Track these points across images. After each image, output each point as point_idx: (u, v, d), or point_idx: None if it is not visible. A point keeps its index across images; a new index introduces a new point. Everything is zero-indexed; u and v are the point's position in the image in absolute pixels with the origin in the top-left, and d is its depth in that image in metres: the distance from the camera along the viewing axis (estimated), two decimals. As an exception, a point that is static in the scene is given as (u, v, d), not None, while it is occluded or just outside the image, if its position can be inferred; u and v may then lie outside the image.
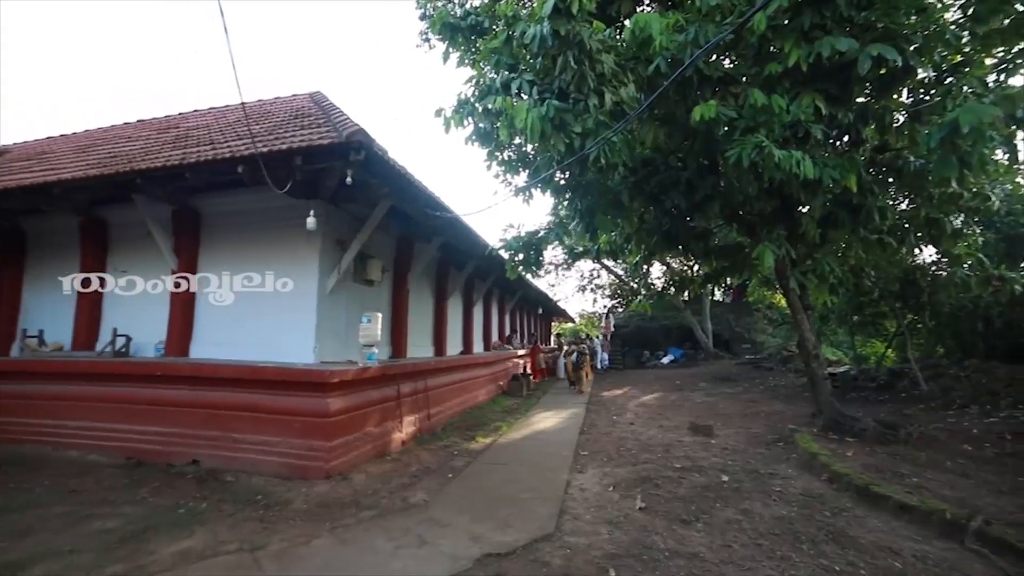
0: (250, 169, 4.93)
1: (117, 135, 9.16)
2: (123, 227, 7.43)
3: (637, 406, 11.00)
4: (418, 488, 4.97)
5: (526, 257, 6.89)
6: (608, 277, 31.50)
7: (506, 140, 5.22)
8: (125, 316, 7.21)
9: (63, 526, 3.93)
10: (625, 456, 6.40)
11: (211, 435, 5.51)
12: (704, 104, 4.36)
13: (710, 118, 4.32)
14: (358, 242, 6.20)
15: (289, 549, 3.54)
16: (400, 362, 7.09)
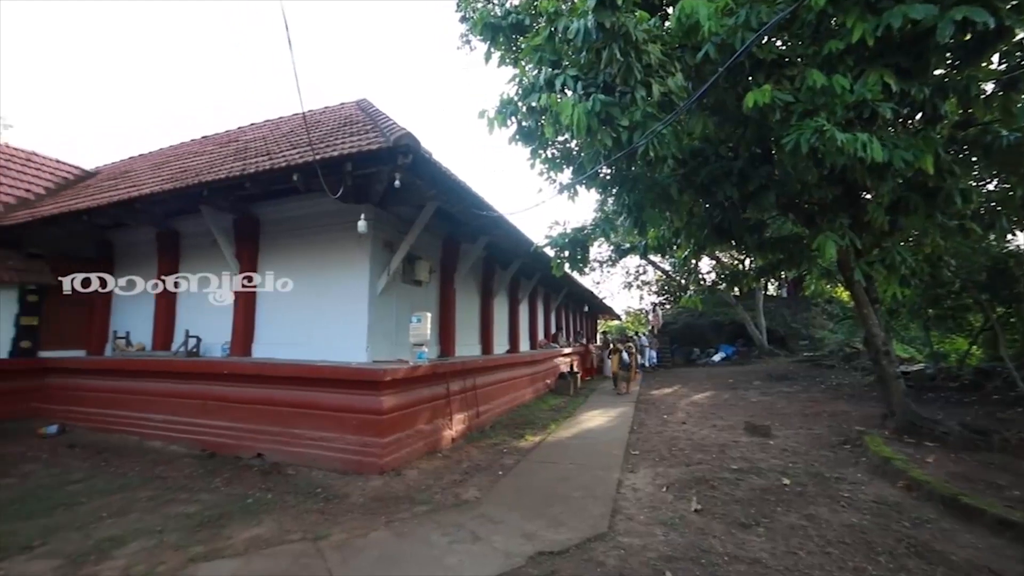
0: (304, 176, 5.17)
1: (186, 151, 9.88)
2: (192, 236, 8.01)
3: (688, 405, 10.67)
4: (469, 485, 5.04)
5: (572, 254, 6.81)
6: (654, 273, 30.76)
7: (551, 137, 5.17)
8: (195, 318, 7.77)
9: (152, 508, 4.31)
10: (678, 456, 6.23)
11: (274, 430, 5.82)
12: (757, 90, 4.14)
13: (764, 104, 4.10)
14: (406, 244, 6.37)
15: (349, 540, 3.68)
16: (449, 361, 7.22)
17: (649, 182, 5.85)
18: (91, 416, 7.54)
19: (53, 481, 5.10)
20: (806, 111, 4.26)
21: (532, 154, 6.54)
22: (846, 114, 4.28)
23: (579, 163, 6.76)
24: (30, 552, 3.50)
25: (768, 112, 4.37)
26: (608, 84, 4.59)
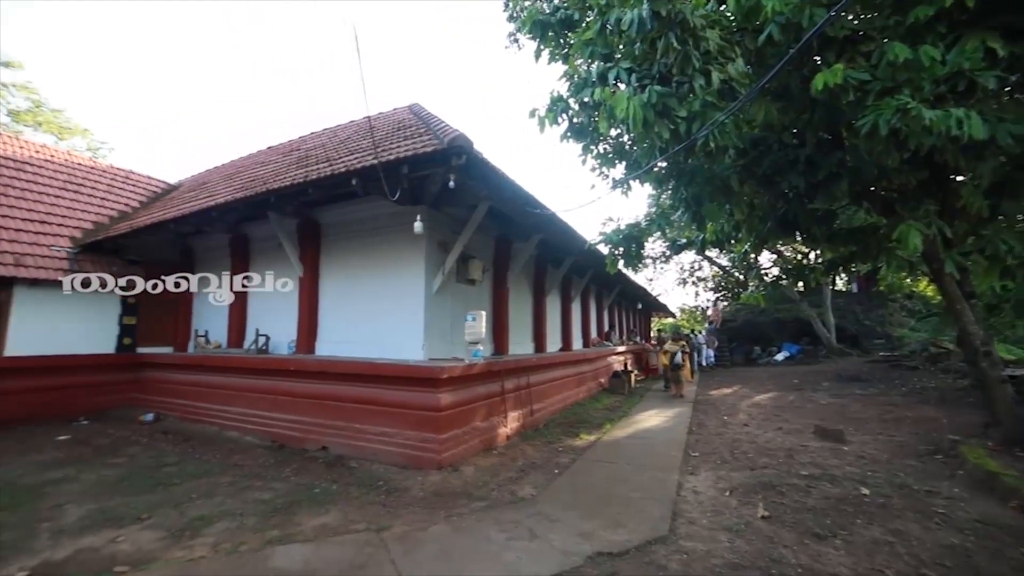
0: (362, 180, 5.39)
1: (254, 161, 10.58)
2: (260, 240, 8.57)
3: (750, 406, 10.16)
4: (525, 482, 5.06)
5: (626, 251, 6.65)
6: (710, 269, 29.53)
7: (605, 132, 5.08)
8: (264, 318, 8.32)
9: (232, 493, 4.66)
10: (740, 459, 5.95)
11: (337, 425, 6.11)
12: (827, 71, 3.84)
13: (835, 84, 3.80)
14: (460, 243, 6.48)
15: (410, 533, 3.80)
16: (503, 359, 7.29)
17: (708, 174, 5.61)
18: (179, 407, 8.27)
19: (152, 463, 5.67)
20: (885, 89, 3.91)
21: (584, 150, 6.45)
22: (935, 89, 3.88)
23: (633, 158, 6.60)
24: (140, 523, 3.94)
25: (840, 94, 4.06)
26: (664, 75, 4.44)
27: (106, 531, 3.79)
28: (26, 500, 4.47)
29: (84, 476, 5.17)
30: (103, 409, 8.63)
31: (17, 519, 4.05)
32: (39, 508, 4.29)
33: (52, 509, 4.26)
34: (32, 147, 11.52)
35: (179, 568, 3.23)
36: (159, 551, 3.46)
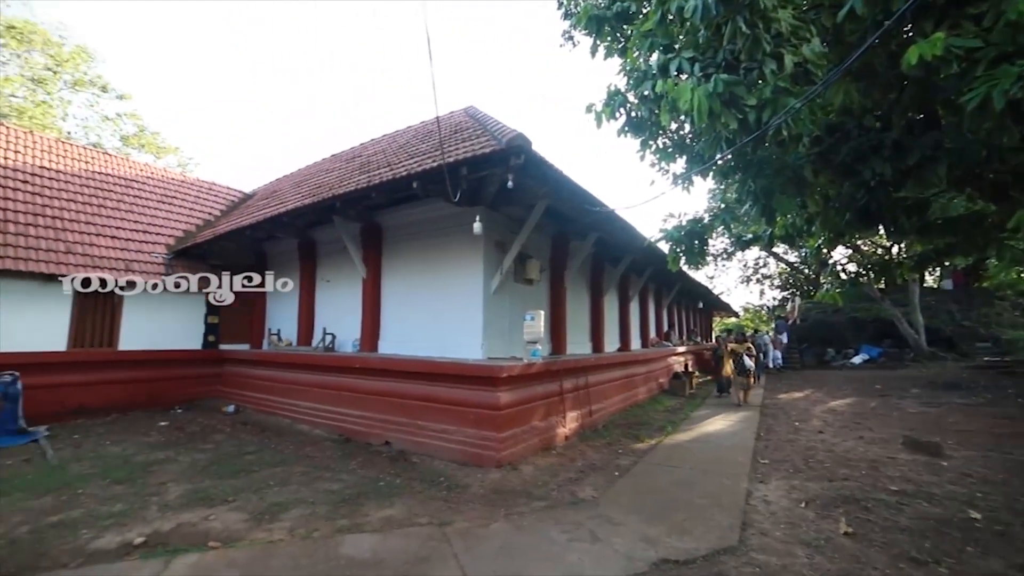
0: (422, 183, 5.54)
1: (319, 168, 11.18)
2: (326, 244, 9.04)
3: (825, 412, 9.46)
4: (585, 484, 5.00)
5: (689, 247, 6.36)
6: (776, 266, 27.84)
7: (667, 124, 4.89)
8: (331, 317, 8.77)
9: (305, 482, 4.93)
10: (816, 469, 5.55)
11: (400, 421, 6.31)
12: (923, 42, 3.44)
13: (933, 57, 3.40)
14: (517, 243, 6.51)
15: (472, 529, 3.85)
16: (561, 359, 7.25)
17: (778, 165, 5.24)
18: (255, 399, 8.91)
19: (234, 451, 6.14)
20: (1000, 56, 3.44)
21: (642, 145, 6.25)
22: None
23: (695, 151, 6.32)
24: (227, 505, 4.30)
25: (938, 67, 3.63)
26: (730, 62, 4.20)
27: (200, 509, 4.16)
28: (139, 476, 5.06)
29: (181, 458, 5.72)
30: (192, 399, 9.50)
31: (133, 492, 4.60)
32: (148, 484, 4.83)
33: (158, 486, 4.76)
34: (137, 166, 12.93)
35: (261, 549, 3.47)
36: (243, 531, 3.75)
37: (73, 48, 20.88)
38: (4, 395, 6.79)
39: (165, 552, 3.39)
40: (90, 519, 3.94)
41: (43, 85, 20.54)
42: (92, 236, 9.22)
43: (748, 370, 10.55)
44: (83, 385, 8.19)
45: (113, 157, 12.82)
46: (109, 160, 12.28)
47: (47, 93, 20.73)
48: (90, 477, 5.00)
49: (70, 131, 21.82)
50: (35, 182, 9.56)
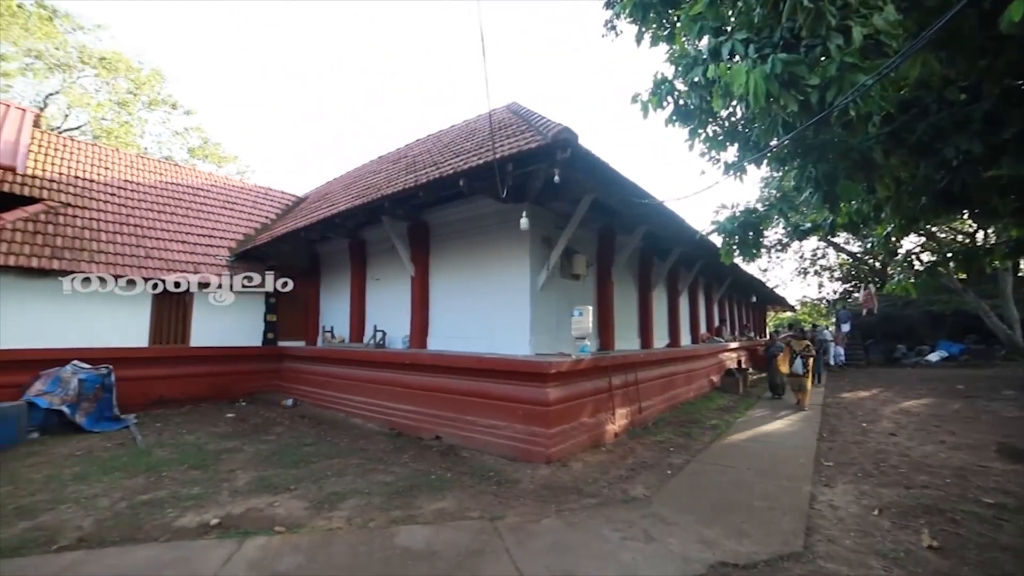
0: (468, 181, 5.59)
1: (367, 171, 11.54)
2: (375, 243, 9.32)
3: (897, 413, 8.80)
4: (637, 482, 4.91)
5: (742, 239, 6.05)
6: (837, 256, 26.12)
7: (719, 110, 4.68)
8: (381, 315, 9.04)
9: (360, 473, 5.12)
10: (889, 474, 5.17)
11: (449, 416, 6.42)
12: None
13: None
14: (564, 238, 6.45)
15: (523, 524, 3.86)
16: (609, 355, 7.14)
17: (843, 148, 4.88)
18: (312, 394, 9.35)
19: (294, 442, 6.47)
20: None
21: (691, 134, 6.01)
22: None
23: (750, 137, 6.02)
24: (289, 493, 4.53)
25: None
26: (788, 40, 3.95)
27: (265, 496, 4.41)
28: (211, 463, 5.45)
29: (247, 448, 6.09)
30: (255, 393, 10.11)
31: (207, 477, 4.97)
32: (219, 470, 5.18)
33: (228, 472, 5.11)
34: (202, 175, 13.95)
35: (322, 536, 3.63)
36: (305, 518, 3.93)
37: (150, 72, 22.71)
38: (102, 386, 7.52)
39: (237, 534, 3.63)
40: (173, 499, 4.29)
41: (125, 107, 22.52)
42: (166, 241, 9.99)
43: (806, 371, 9.45)
44: (162, 378, 8.91)
45: (182, 168, 13.88)
46: (179, 171, 13.29)
47: (129, 114, 22.71)
48: (171, 462, 5.43)
49: (146, 146, 23.78)
50: (120, 194, 10.48)
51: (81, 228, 8.94)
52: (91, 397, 7.34)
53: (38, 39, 18.82)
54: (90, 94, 21.44)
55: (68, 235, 8.59)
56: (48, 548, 3.43)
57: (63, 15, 19.49)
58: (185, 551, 3.37)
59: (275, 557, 3.29)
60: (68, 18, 19.72)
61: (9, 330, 7.48)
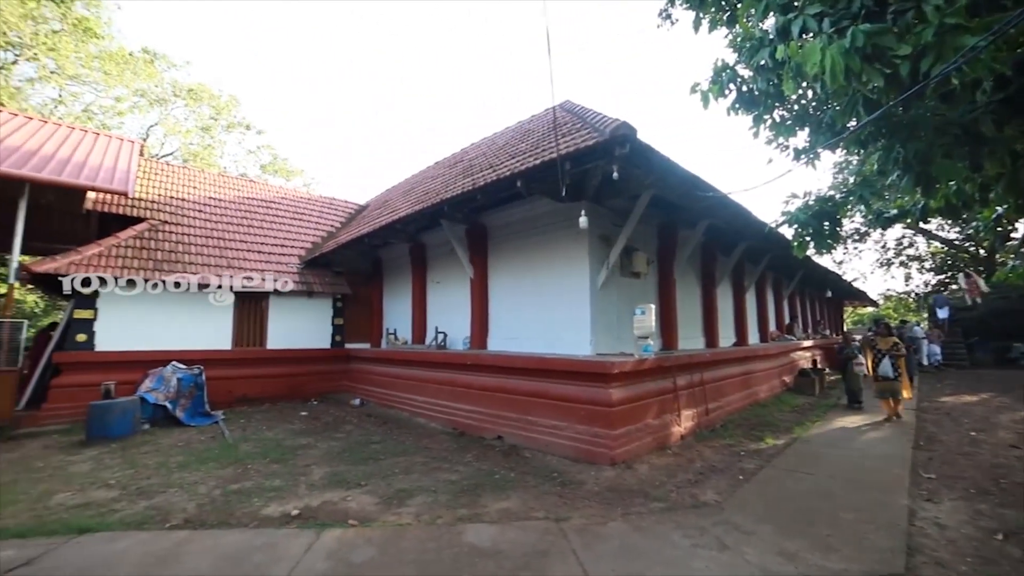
0: (526, 182, 5.60)
1: (424, 176, 11.91)
2: (435, 247, 9.56)
3: (1015, 422, 7.79)
4: (706, 487, 4.70)
5: (817, 230, 5.61)
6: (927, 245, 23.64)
7: (791, 93, 4.38)
8: (441, 316, 9.26)
9: (426, 471, 5.25)
10: (1012, 492, 4.57)
11: (511, 416, 6.45)
12: None
13: None
14: (623, 236, 6.30)
15: (589, 526, 3.80)
16: (673, 354, 6.89)
17: (939, 123, 4.39)
18: (377, 394, 9.74)
19: (362, 439, 6.76)
20: None
21: (755, 121, 5.67)
22: None
23: (822, 120, 5.59)
24: (360, 488, 4.74)
25: None
26: (871, 9, 3.61)
27: (339, 490, 4.64)
28: (289, 457, 5.82)
29: (320, 444, 6.44)
30: (324, 392, 10.69)
31: (286, 471, 5.30)
32: (297, 465, 5.51)
33: (304, 467, 5.42)
34: (273, 189, 15.05)
35: (392, 531, 3.75)
36: (376, 513, 4.09)
37: (227, 98, 24.88)
38: (196, 384, 8.30)
39: (315, 524, 3.84)
40: (258, 490, 4.62)
41: (208, 131, 24.85)
42: (245, 251, 10.82)
43: (898, 373, 7.92)
44: (244, 378, 9.65)
45: (256, 183, 15.03)
46: (253, 186, 14.39)
47: (211, 137, 25.05)
48: (255, 456, 5.86)
49: (225, 165, 25.99)
50: (206, 210, 11.50)
51: (176, 242, 9.90)
52: (187, 394, 8.11)
53: (143, 80, 21.45)
54: (180, 123, 23.89)
55: (166, 249, 9.55)
56: (163, 525, 3.87)
57: (161, 56, 21.95)
58: (271, 538, 3.62)
59: (350, 548, 3.45)
60: (164, 58, 22.23)
61: (122, 333, 8.45)
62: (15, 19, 16.30)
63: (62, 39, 17.93)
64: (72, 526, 3.83)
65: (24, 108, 16.83)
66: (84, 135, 10.29)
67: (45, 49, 17.51)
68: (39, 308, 19.86)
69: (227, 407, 8.93)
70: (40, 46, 17.34)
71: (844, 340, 10.56)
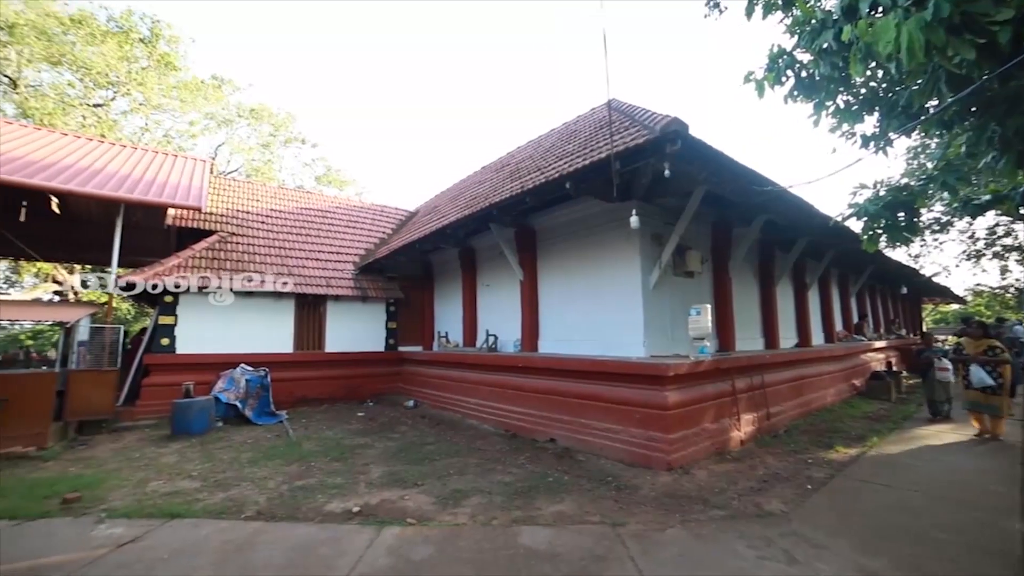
0: (575, 183, 5.55)
1: (472, 181, 12.10)
2: (484, 250, 9.68)
3: None
4: (771, 495, 4.45)
5: (891, 222, 5.19)
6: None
7: (859, 76, 4.08)
8: (492, 319, 9.35)
9: (480, 473, 5.30)
10: None
11: (563, 419, 6.39)
12: None
13: None
14: (675, 235, 6.12)
15: (646, 532, 3.70)
16: (731, 356, 6.60)
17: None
18: (430, 396, 9.96)
19: (416, 440, 6.93)
20: None
21: (816, 108, 5.33)
22: None
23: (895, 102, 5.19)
24: (417, 488, 4.85)
25: None
26: (954, -24, 3.30)
27: (396, 489, 4.77)
28: (348, 456, 6.05)
29: (376, 445, 6.66)
30: (379, 394, 11.06)
31: (346, 469, 5.52)
32: (355, 464, 5.73)
33: (363, 466, 5.62)
34: (328, 199, 15.84)
35: (449, 530, 3.81)
36: (432, 513, 4.16)
37: (284, 115, 26.50)
38: (262, 385, 8.86)
39: (375, 522, 3.96)
40: (321, 487, 4.84)
41: (268, 147, 26.52)
42: (303, 259, 11.42)
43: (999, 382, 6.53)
44: (305, 380, 10.17)
45: (312, 194, 15.86)
46: (310, 197, 15.19)
47: (270, 153, 26.69)
48: (317, 454, 6.15)
49: (283, 178, 27.59)
50: (267, 222, 12.26)
51: (242, 252, 10.62)
52: (255, 394, 8.65)
53: (212, 104, 23.38)
54: (243, 141, 25.67)
55: (234, 259, 10.26)
56: (238, 516, 4.14)
57: (227, 81, 23.82)
58: (335, 532, 3.78)
59: (409, 546, 3.54)
60: (230, 83, 24.06)
61: (198, 337, 9.17)
62: (115, 61, 18.69)
63: (148, 74, 20.08)
64: (165, 511, 4.22)
65: (119, 137, 18.81)
66: (165, 158, 11.33)
67: (135, 84, 19.69)
68: (130, 315, 21.91)
69: (290, 407, 9.44)
70: (132, 82, 19.54)
71: (924, 341, 9.62)
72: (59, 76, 18.55)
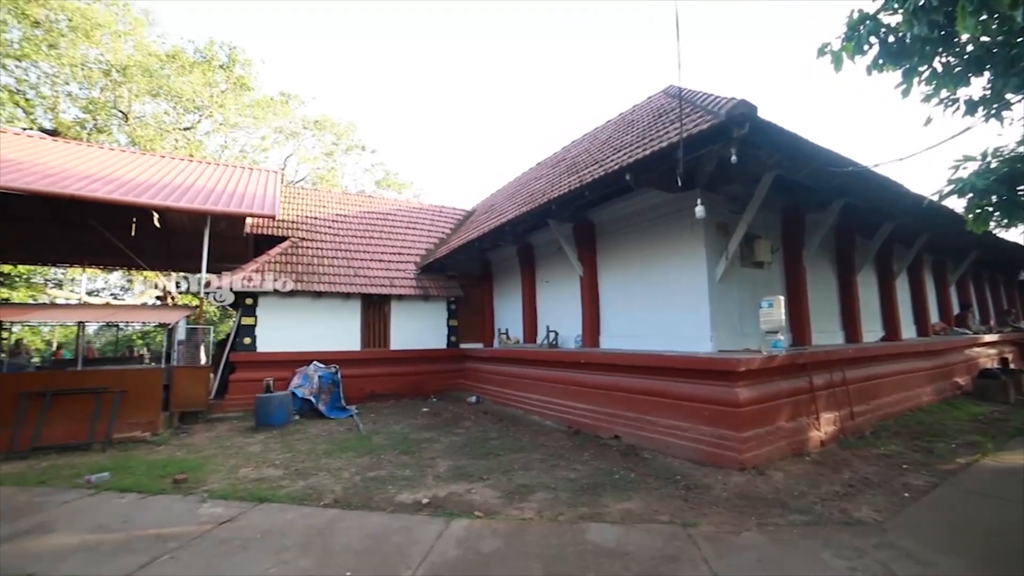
0: (635, 174, 5.40)
1: (528, 178, 12.12)
2: (542, 246, 9.67)
3: None
4: (859, 502, 4.11)
5: (1006, 199, 4.57)
6: None
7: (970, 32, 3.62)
8: (552, 315, 9.32)
9: (544, 469, 5.32)
10: None
11: (628, 415, 6.27)
12: None
13: None
14: (743, 223, 5.79)
15: (720, 535, 3.54)
16: (807, 350, 6.14)
17: None
18: (491, 392, 10.11)
19: (480, 435, 7.06)
20: None
21: (905, 76, 4.80)
22: None
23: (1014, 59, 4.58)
24: (482, 482, 4.95)
25: None
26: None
27: (462, 483, 4.89)
28: (416, 450, 6.28)
29: (441, 439, 6.87)
30: (442, 390, 11.39)
31: (414, 462, 5.74)
32: (423, 457, 5.93)
33: (430, 459, 5.81)
34: (388, 202, 16.50)
35: (516, 524, 3.85)
36: (499, 506, 4.23)
37: (345, 124, 27.91)
38: (333, 381, 9.43)
39: (444, 513, 4.08)
40: (391, 479, 5.07)
41: (331, 156, 28.08)
42: (367, 261, 11.98)
43: None
44: (372, 376, 10.67)
45: (373, 198, 16.61)
46: (371, 201, 15.90)
47: (333, 160, 28.24)
48: (386, 447, 6.44)
49: (346, 185, 29.07)
50: (333, 227, 12.98)
51: (312, 256, 11.32)
52: (327, 390, 9.21)
53: (280, 118, 25.13)
54: (309, 151, 27.36)
55: (304, 263, 10.96)
56: (318, 503, 4.43)
57: (294, 96, 25.50)
58: (406, 522, 3.94)
59: (478, 538, 3.61)
60: (296, 97, 25.73)
61: (275, 337, 9.91)
62: (200, 87, 20.80)
63: (227, 96, 22.04)
64: (255, 495, 4.62)
65: (204, 156, 20.88)
66: (242, 171, 12.33)
67: (216, 107, 21.71)
68: (216, 316, 24.08)
69: (359, 402, 9.95)
70: (213, 105, 21.56)
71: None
72: (157, 106, 20.97)
